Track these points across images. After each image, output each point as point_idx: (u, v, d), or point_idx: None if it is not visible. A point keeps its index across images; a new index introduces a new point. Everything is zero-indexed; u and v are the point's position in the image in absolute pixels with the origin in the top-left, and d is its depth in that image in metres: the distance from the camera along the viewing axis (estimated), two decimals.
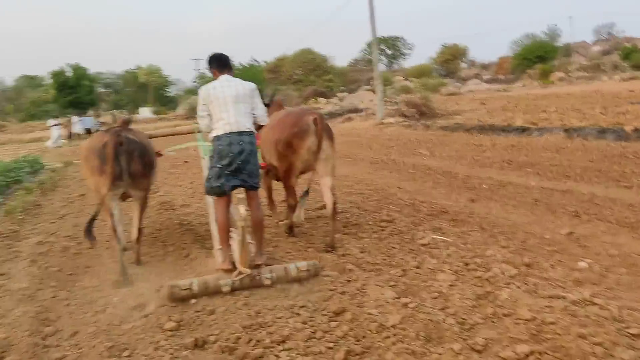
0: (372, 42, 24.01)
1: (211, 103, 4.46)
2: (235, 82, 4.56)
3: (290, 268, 4.29)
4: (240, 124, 4.42)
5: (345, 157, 12.71)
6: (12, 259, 5.66)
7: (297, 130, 5.07)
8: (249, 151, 4.40)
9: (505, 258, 4.48)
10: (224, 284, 4.13)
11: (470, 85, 46.39)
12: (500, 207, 6.57)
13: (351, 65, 68.33)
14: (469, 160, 10.63)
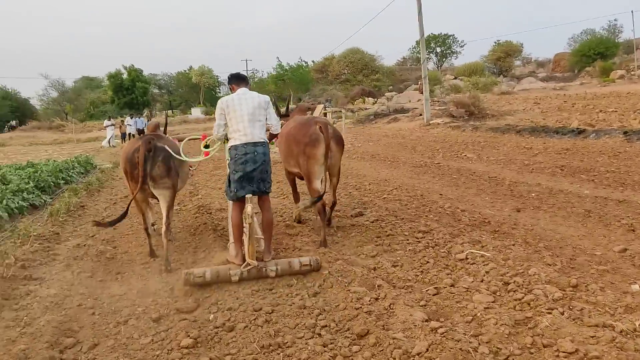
0: (420, 39, 23.44)
1: (229, 114, 4.89)
2: (252, 94, 5.03)
3: (294, 262, 4.70)
4: (255, 135, 4.84)
5: (387, 160, 12.42)
6: (48, 263, 5.67)
7: (310, 138, 5.46)
8: (261, 161, 4.82)
9: (549, 278, 4.11)
10: (234, 274, 4.55)
11: (524, 84, 44.85)
12: (548, 217, 6.16)
13: (400, 64, 67.51)
14: (518, 165, 10.15)
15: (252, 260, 4.56)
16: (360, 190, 8.63)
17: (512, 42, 57.16)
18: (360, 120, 27.97)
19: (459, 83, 43.13)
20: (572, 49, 54.82)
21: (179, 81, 65.89)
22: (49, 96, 62.62)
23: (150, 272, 5.06)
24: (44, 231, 6.86)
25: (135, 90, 51.81)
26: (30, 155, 22.10)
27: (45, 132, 42.92)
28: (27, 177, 10.08)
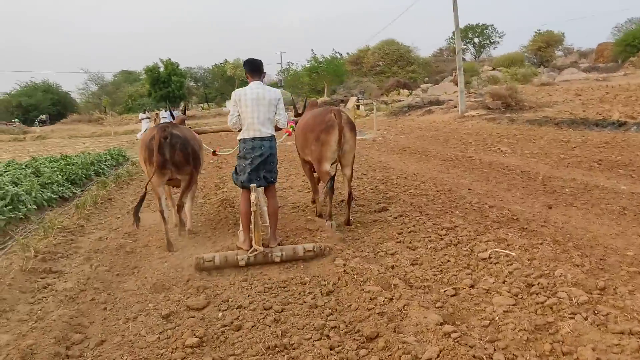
0: (455, 30, 22.92)
1: (240, 107, 5.10)
2: (264, 89, 5.14)
3: (298, 248, 4.96)
4: (263, 130, 5.09)
5: (417, 153, 12.16)
6: (69, 256, 5.71)
7: (322, 127, 5.68)
8: (268, 154, 5.10)
9: (576, 280, 3.87)
10: (241, 258, 4.84)
11: (565, 75, 43.41)
12: (580, 215, 5.87)
13: (436, 55, 66.40)
14: (553, 159, 9.78)
15: (259, 246, 4.84)
16: (387, 185, 8.45)
17: (553, 32, 55.40)
18: (393, 113, 27.60)
19: (497, 74, 42.11)
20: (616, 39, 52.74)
21: (214, 74, 66.44)
22: (88, 90, 64.18)
23: (167, 267, 5.02)
24: (70, 224, 6.92)
25: (171, 84, 52.41)
26: (69, 147, 22.64)
27: (84, 125, 43.94)
28: (58, 169, 10.24)
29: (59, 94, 59.85)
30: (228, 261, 4.84)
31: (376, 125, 19.30)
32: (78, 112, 54.65)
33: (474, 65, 50.44)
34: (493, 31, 67.62)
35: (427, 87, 45.83)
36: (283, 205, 7.39)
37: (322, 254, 4.92)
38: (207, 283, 4.46)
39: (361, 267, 4.48)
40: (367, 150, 13.90)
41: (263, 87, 5.18)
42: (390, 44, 55.52)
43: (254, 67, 5.25)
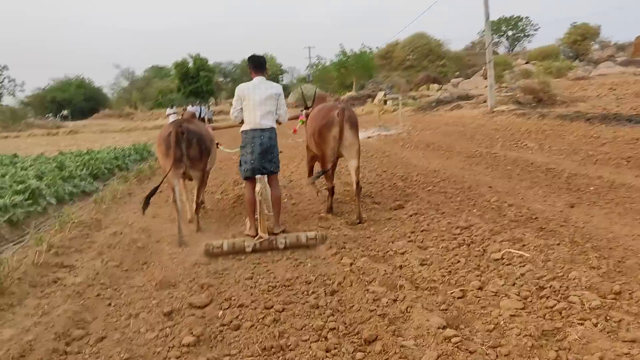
0: (485, 22, 22.46)
1: (243, 101, 5.46)
2: (266, 85, 5.48)
3: (301, 236, 5.25)
4: (263, 123, 5.40)
5: (441, 150, 11.94)
6: (83, 250, 5.75)
7: (323, 123, 5.99)
8: (267, 145, 5.38)
9: (590, 283, 3.70)
10: (247, 245, 5.15)
11: (601, 69, 42.16)
12: (603, 214, 5.64)
13: (468, 48, 65.36)
14: (581, 156, 9.46)
15: (264, 234, 5.18)
16: (406, 182, 8.31)
17: (589, 25, 53.91)
18: (421, 108, 27.25)
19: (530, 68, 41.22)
20: None
21: (242, 69, 66.76)
22: (119, 85, 65.39)
23: (176, 263, 5.02)
24: (87, 218, 6.99)
25: (200, 79, 52.89)
26: (98, 142, 23.05)
27: (115, 120, 44.80)
28: (82, 164, 10.39)
29: (91, 89, 61.19)
30: (235, 247, 5.16)
31: (402, 121, 19.08)
32: (109, 107, 55.72)
33: (507, 59, 49.43)
34: (527, 24, 66.30)
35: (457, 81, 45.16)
36: (298, 202, 7.35)
37: (324, 241, 5.21)
38: (212, 281, 4.43)
39: (368, 266, 4.40)
40: (390, 146, 13.74)
41: (265, 82, 5.52)
42: (421, 37, 54.83)
43: (257, 63, 5.57)
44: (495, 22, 63.51)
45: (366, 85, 46.96)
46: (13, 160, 12.88)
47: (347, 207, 6.78)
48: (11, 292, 4.31)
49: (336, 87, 51.23)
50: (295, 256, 5.00)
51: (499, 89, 27.74)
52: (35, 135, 35.54)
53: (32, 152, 17.84)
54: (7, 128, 39.52)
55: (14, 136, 35.49)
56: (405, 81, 44.06)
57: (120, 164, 12.19)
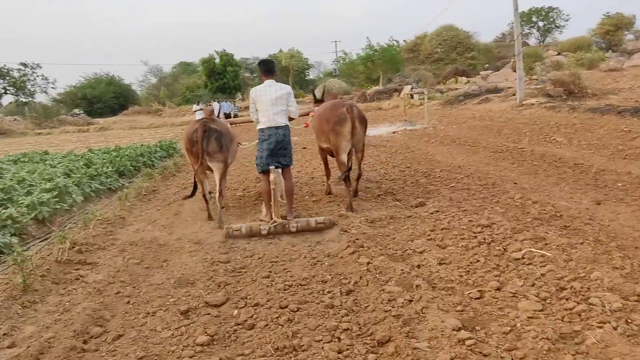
0: (514, 13, 22.02)
1: (257, 103, 6.02)
2: (276, 86, 6.04)
3: (311, 221, 5.78)
4: (277, 120, 5.99)
5: (466, 145, 11.78)
6: (106, 247, 5.85)
7: (336, 119, 6.42)
8: (282, 140, 6.01)
9: (612, 284, 3.59)
10: (263, 228, 5.73)
11: (635, 60, 40.96)
12: (630, 212, 5.49)
13: (498, 40, 64.22)
14: (610, 150, 9.23)
15: (278, 219, 5.75)
16: (429, 178, 8.23)
17: (623, 15, 52.40)
18: (448, 102, 26.89)
19: (562, 59, 40.32)
20: None
21: None
22: (148, 82, 66.18)
23: (195, 261, 5.06)
24: (111, 215, 7.10)
25: (226, 75, 53.15)
26: (127, 139, 23.41)
27: (144, 116, 45.38)
28: (108, 161, 10.56)
29: (121, 86, 62.08)
30: (252, 231, 5.72)
31: (427, 115, 18.86)
32: (139, 104, 56.51)
33: (538, 50, 48.42)
34: (558, 14, 64.76)
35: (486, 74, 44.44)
36: (319, 199, 7.34)
37: (332, 225, 5.75)
38: (229, 279, 4.45)
39: (385, 265, 4.36)
40: (415, 141, 13.61)
41: (275, 84, 6.07)
42: (449, 29, 54.02)
43: (267, 68, 6.16)
44: (526, 13, 62.20)
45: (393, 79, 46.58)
46: (43, 157, 13.18)
47: (368, 205, 6.75)
48: (34, 289, 4.41)
49: (363, 81, 50.91)
50: (313, 254, 4.99)
51: (529, 82, 27.24)
52: (68, 132, 36.32)
53: (63, 149, 18.23)
54: (40, 125, 40.45)
55: (47, 133, 36.32)
56: (432, 74, 43.54)
57: (146, 161, 12.35)
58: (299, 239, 5.57)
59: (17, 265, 4.58)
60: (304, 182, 8.82)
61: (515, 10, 21.78)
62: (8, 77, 55.59)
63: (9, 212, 6.23)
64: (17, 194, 7.40)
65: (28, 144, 25.30)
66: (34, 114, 44.65)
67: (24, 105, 53.19)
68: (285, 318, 3.59)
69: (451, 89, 34.07)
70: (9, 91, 57.05)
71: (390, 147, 12.54)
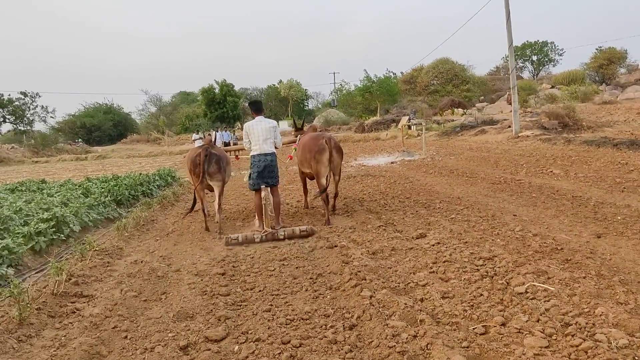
0: (509, 47, 22.36)
1: (250, 135, 7.42)
2: (264, 122, 7.42)
3: (295, 229, 7.06)
4: (265, 149, 7.36)
5: (464, 176, 11.80)
6: (103, 279, 5.77)
7: (316, 149, 7.67)
8: (269, 164, 7.34)
9: (618, 320, 3.56)
10: (257, 237, 6.96)
11: (629, 93, 41.53)
12: (630, 246, 5.47)
13: (492, 73, 65.09)
14: (608, 183, 9.25)
15: (268, 228, 7.10)
16: (428, 209, 8.22)
17: (615, 49, 53.27)
18: (445, 133, 27.10)
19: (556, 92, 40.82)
20: None
21: (268, 95, 67.33)
22: (147, 111, 66.56)
23: (194, 293, 5.00)
24: (109, 246, 7.04)
25: (226, 104, 53.60)
26: (125, 167, 23.40)
27: (143, 144, 45.56)
28: (106, 190, 10.52)
29: (120, 114, 62.45)
30: (247, 239, 6.92)
31: (425, 146, 18.96)
32: (138, 132, 56.72)
33: (532, 84, 49.04)
34: (552, 48, 65.81)
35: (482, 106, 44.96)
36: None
37: (313, 233, 7.07)
38: (229, 313, 4.38)
39: (388, 299, 4.31)
40: (413, 172, 13.64)
41: (264, 120, 7.45)
42: (445, 62, 54.85)
43: (257, 107, 7.59)
44: (520, 47, 63.17)
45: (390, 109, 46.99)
46: (40, 186, 13.12)
47: (369, 236, 6.71)
48: (30, 322, 4.33)
49: (361, 112, 51.34)
50: (314, 287, 4.94)
51: (523, 114, 27.50)
52: (65, 160, 36.30)
53: (61, 178, 18.19)
54: (37, 153, 40.46)
55: (44, 161, 36.30)
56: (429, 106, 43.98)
57: (145, 190, 12.29)
58: (300, 271, 5.52)
59: (14, 298, 4.51)
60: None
61: (510, 45, 22.12)
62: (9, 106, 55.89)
63: (5, 242, 6.17)
64: (13, 224, 7.34)
65: (25, 172, 25.26)
66: (31, 142, 44.71)
67: (22, 133, 53.32)
68: (287, 354, 3.52)
69: (448, 120, 34.37)
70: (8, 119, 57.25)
71: (389, 178, 12.56)
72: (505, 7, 21.41)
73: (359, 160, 18.99)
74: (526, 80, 53.36)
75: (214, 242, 7.19)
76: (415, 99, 49.20)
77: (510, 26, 21.55)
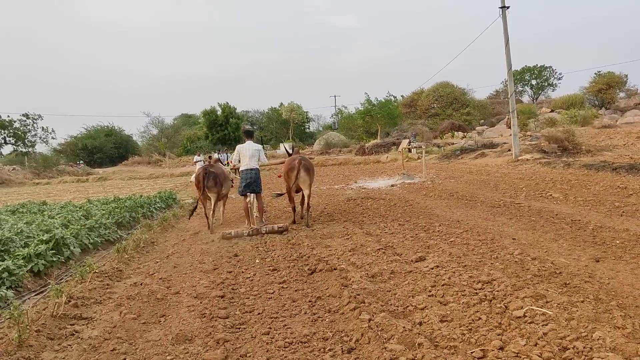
0: (508, 72, 22.59)
1: (241, 154, 9.74)
2: (253, 145, 9.76)
3: (274, 227, 9.35)
4: (251, 165, 9.62)
5: (464, 199, 11.84)
6: (103, 302, 5.77)
7: (288, 167, 9.85)
8: (254, 177, 9.59)
9: (615, 344, 3.56)
10: (245, 232, 9.11)
11: (628, 117, 41.83)
12: (629, 270, 5.48)
13: (492, 97, 65.60)
14: (607, 207, 9.30)
15: (253, 226, 9.43)
16: (428, 232, 8.24)
17: (614, 73, 53.76)
18: (445, 156, 27.22)
19: (555, 116, 41.11)
20: None
21: (269, 117, 67.76)
22: (149, 133, 66.87)
23: (193, 316, 5.00)
24: (109, 268, 7.05)
25: (228, 127, 53.92)
26: (126, 189, 23.47)
27: (144, 166, 45.74)
28: (107, 212, 10.56)
29: (122, 136, 62.78)
30: (238, 234, 9.07)
31: (425, 169, 19.04)
32: (139, 154, 56.97)
33: (532, 107, 49.41)
34: (551, 73, 66.42)
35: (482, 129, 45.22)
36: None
37: (287, 229, 9.31)
38: (228, 335, 4.39)
39: (387, 322, 4.31)
40: (413, 194, 13.69)
41: (253, 144, 9.79)
42: (445, 86, 55.36)
43: (248, 133, 10.08)
44: (519, 72, 63.77)
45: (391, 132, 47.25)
46: (41, 208, 13.18)
47: (368, 259, 6.73)
48: (29, 344, 4.33)
49: (361, 135, 51.62)
50: (313, 310, 4.95)
51: (523, 137, 27.66)
52: (66, 182, 36.41)
53: (62, 199, 18.24)
54: (39, 175, 40.59)
55: (45, 183, 36.40)
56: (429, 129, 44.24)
57: (145, 212, 12.35)
58: (299, 294, 5.52)
59: (13, 320, 4.52)
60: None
61: (509, 69, 22.36)
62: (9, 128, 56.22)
63: (5, 264, 6.20)
64: (14, 245, 7.37)
65: (26, 194, 25.33)
66: (33, 164, 44.87)
67: (23, 155, 53.54)
68: None
69: (448, 143, 34.54)
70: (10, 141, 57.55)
71: (389, 200, 12.61)
72: (504, 33, 21.71)
73: (359, 182, 19.05)
74: (526, 104, 53.78)
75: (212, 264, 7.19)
76: (415, 122, 49.51)
77: (509, 51, 21.83)
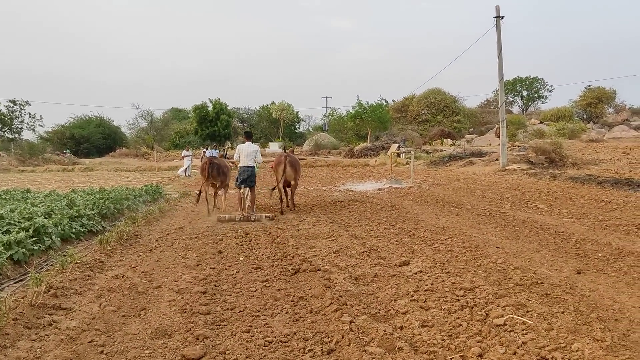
0: (499, 82, 22.74)
1: (240, 153, 11.23)
2: (251, 146, 11.26)
3: (262, 216, 10.86)
4: (247, 163, 11.20)
5: (450, 206, 11.90)
6: (82, 293, 5.70)
7: (277, 163, 11.68)
8: (250, 173, 11.21)
9: (594, 356, 3.58)
10: (237, 217, 10.75)
11: (615, 132, 42.41)
12: (610, 283, 5.53)
13: (483, 106, 66.05)
14: (591, 220, 9.39)
15: (244, 213, 10.93)
16: (413, 237, 8.26)
17: (604, 88, 54.42)
18: (434, 162, 27.33)
19: (544, 128, 41.49)
20: None
21: (260, 115, 67.58)
22: (138, 125, 66.35)
23: (174, 311, 4.96)
24: (90, 259, 6.98)
25: (218, 123, 53.70)
26: (112, 180, 23.26)
27: (131, 159, 45.41)
28: (91, 203, 10.46)
29: (110, 127, 62.26)
30: (231, 218, 10.72)
31: (413, 175, 19.10)
32: (127, 146, 56.54)
33: (521, 118, 49.83)
34: (542, 85, 67.01)
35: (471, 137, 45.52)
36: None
37: (273, 218, 10.76)
38: (208, 332, 4.36)
39: (368, 325, 4.31)
40: (400, 199, 13.73)
41: (251, 145, 11.31)
42: (436, 93, 55.63)
43: (248, 135, 11.66)
44: (510, 82, 64.26)
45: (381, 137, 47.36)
46: (25, 195, 13.02)
47: (352, 261, 6.73)
48: (5, 332, 4.27)
49: (351, 137, 51.67)
50: (295, 310, 4.94)
51: (511, 147, 27.85)
52: (51, 170, 36.04)
53: (46, 188, 18.04)
54: (24, 162, 40.13)
55: (30, 170, 36.01)
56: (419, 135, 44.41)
57: (131, 205, 12.25)
58: (281, 293, 5.51)
59: None
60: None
61: (501, 79, 22.50)
62: None
63: None
64: None
65: (10, 181, 25.04)
66: (18, 151, 44.37)
67: (9, 141, 52.92)
68: None
69: (437, 150, 34.69)
70: None
71: (375, 204, 12.63)
72: (498, 43, 21.85)
73: (347, 185, 19.08)
74: (515, 115, 54.23)
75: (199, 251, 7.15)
76: (405, 127, 49.68)
77: (502, 61, 21.97)
